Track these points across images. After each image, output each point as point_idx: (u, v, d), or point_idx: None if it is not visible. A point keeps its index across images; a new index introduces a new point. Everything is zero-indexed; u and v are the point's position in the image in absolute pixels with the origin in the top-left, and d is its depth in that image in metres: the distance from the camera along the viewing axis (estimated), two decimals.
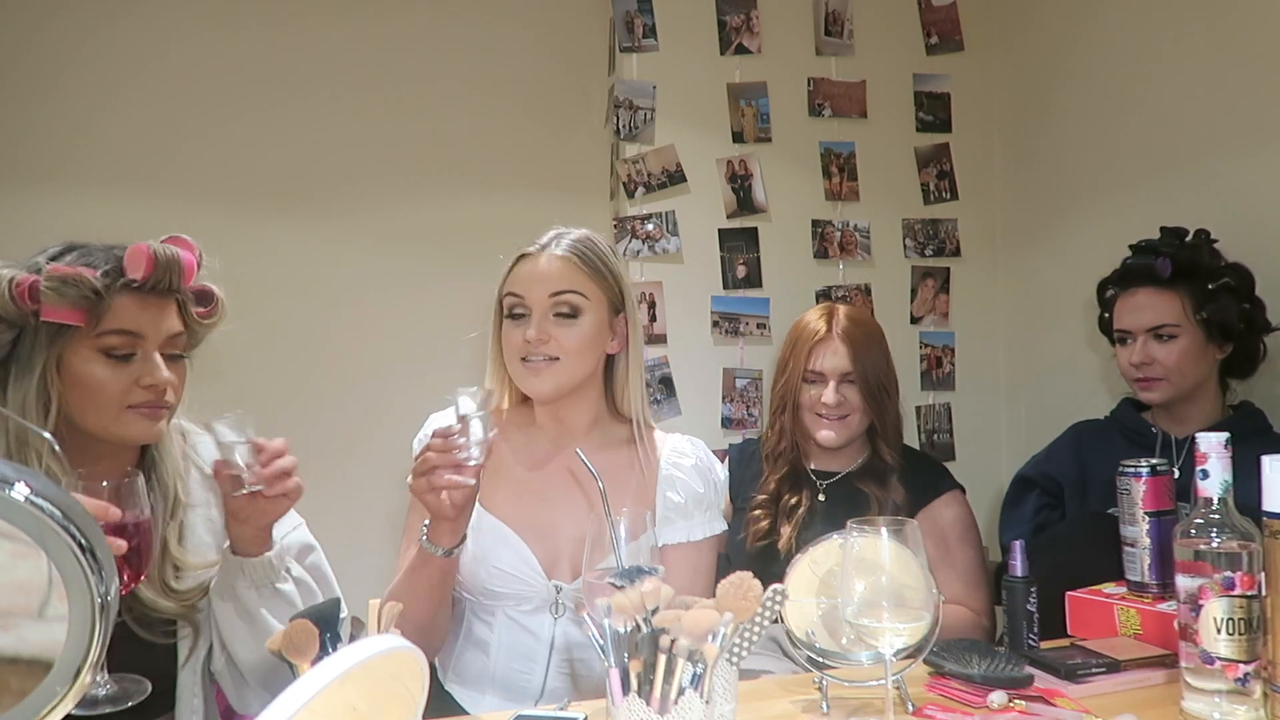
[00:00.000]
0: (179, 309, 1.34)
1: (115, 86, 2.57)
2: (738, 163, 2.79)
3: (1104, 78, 2.59)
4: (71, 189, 2.48)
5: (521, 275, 1.55)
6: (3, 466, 0.78)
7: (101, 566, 0.78)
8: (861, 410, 1.99)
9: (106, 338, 1.27)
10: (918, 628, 1.10)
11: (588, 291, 1.54)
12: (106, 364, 1.27)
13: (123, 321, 1.27)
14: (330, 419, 2.63)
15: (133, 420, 1.29)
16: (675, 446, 1.64)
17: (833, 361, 1.99)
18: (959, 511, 2.00)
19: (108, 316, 1.27)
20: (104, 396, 1.27)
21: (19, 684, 0.75)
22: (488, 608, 1.55)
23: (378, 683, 0.75)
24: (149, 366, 1.29)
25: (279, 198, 2.67)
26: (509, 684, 1.51)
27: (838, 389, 1.97)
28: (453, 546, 1.40)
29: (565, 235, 1.58)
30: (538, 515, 1.56)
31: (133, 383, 1.28)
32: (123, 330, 1.27)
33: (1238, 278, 1.99)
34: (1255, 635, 1.13)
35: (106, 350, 1.27)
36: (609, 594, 1.03)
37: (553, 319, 1.52)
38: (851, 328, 2.01)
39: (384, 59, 2.74)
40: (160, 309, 1.31)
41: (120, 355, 1.28)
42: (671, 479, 1.58)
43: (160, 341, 1.30)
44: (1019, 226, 2.93)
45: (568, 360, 1.53)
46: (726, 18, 2.79)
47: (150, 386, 1.28)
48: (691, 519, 1.57)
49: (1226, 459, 1.18)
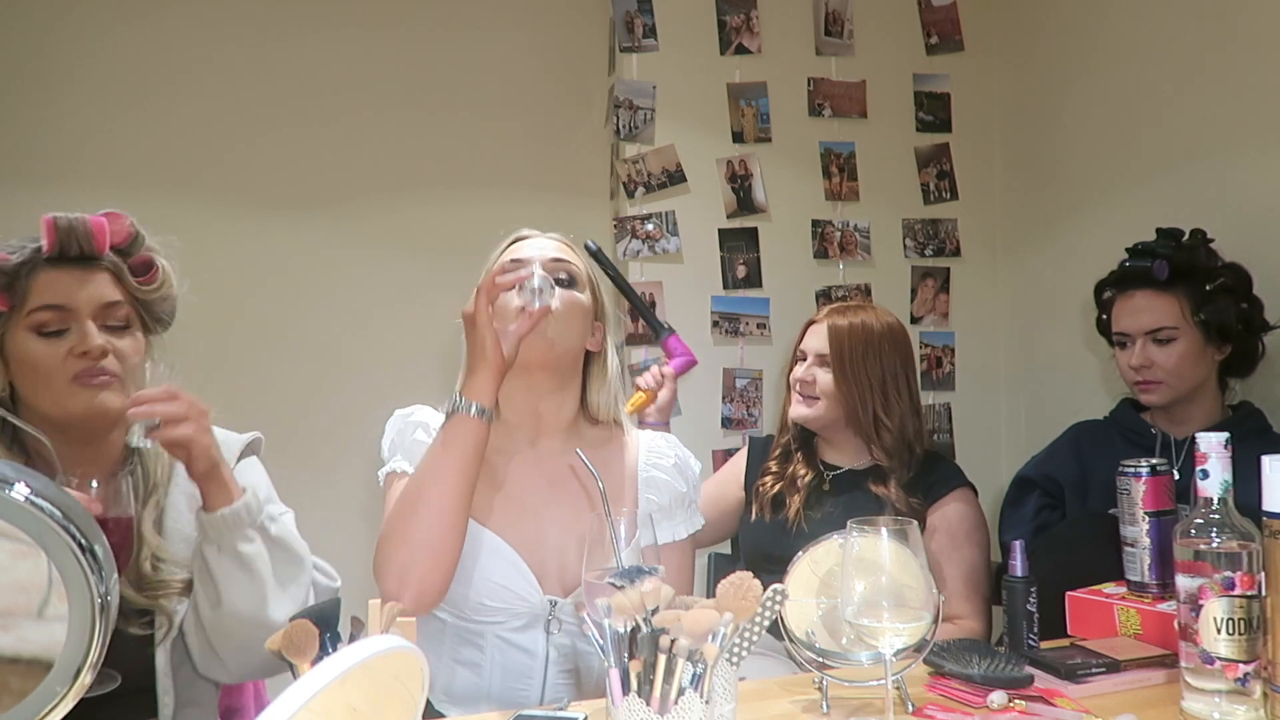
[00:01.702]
0: (116, 279, 1.33)
1: (121, 91, 2.57)
2: (738, 163, 2.79)
3: (1104, 77, 2.59)
4: (78, 190, 2.47)
5: (517, 250, 1.53)
6: (3, 466, 0.78)
7: (101, 566, 0.78)
8: (833, 398, 2.00)
9: (34, 315, 1.28)
10: (918, 628, 1.10)
11: (579, 276, 1.53)
12: (40, 341, 1.28)
13: (46, 296, 1.28)
14: (332, 419, 2.63)
15: (77, 391, 1.28)
16: (651, 446, 1.59)
17: (813, 341, 2.04)
18: (968, 509, 2.00)
19: (32, 294, 1.28)
20: (44, 373, 1.28)
21: (19, 684, 0.76)
22: (476, 629, 1.45)
23: (378, 683, 0.75)
24: (80, 334, 1.28)
25: (280, 199, 2.67)
26: (506, 701, 1.44)
27: (809, 368, 2.03)
28: (492, 406, 1.37)
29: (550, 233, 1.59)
30: (523, 525, 1.48)
31: (68, 354, 1.28)
32: (48, 305, 1.28)
33: (1235, 278, 1.99)
34: (1255, 635, 1.13)
35: (38, 328, 1.28)
36: (609, 594, 1.03)
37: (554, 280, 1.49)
38: (843, 320, 2.03)
39: (384, 60, 2.74)
40: (84, 279, 1.30)
41: (52, 331, 1.28)
42: (652, 480, 1.55)
43: (92, 311, 1.30)
44: (1019, 226, 2.93)
45: (566, 315, 1.46)
46: (726, 18, 2.79)
47: (84, 354, 1.28)
48: (674, 518, 1.55)
49: (1226, 459, 1.18)
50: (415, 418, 1.52)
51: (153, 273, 1.35)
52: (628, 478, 1.55)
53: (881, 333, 2.03)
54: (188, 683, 1.36)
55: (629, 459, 1.57)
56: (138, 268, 1.35)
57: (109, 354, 1.30)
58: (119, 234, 1.33)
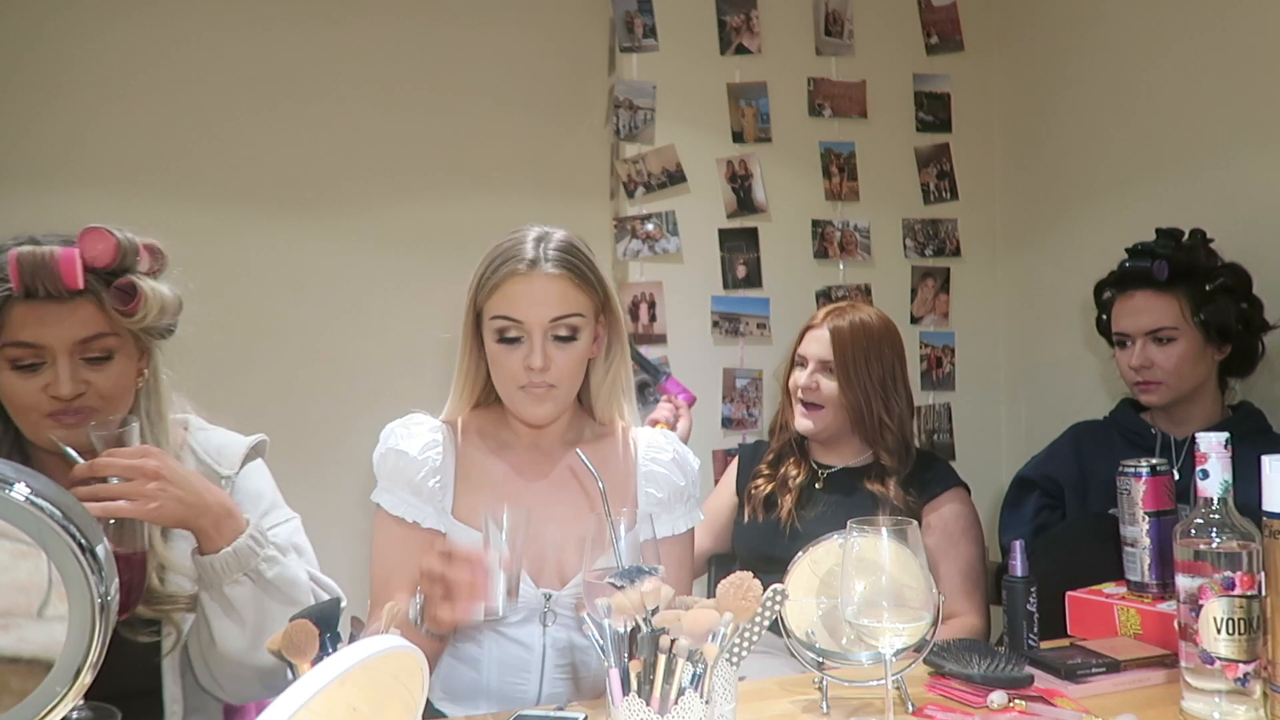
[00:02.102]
0: (99, 307, 1.25)
1: (118, 86, 2.57)
2: (738, 163, 2.79)
3: (1104, 77, 2.59)
4: (72, 188, 2.48)
5: (515, 296, 1.43)
6: (3, 466, 0.78)
7: (101, 566, 0.78)
8: (838, 405, 2.01)
9: (8, 349, 1.22)
10: (918, 628, 1.10)
11: (583, 308, 1.46)
12: (16, 375, 1.23)
13: (17, 333, 1.21)
14: (329, 418, 2.63)
15: (52, 427, 1.24)
16: (650, 441, 1.59)
17: (814, 347, 2.03)
18: (963, 508, 2.02)
19: (6, 327, 1.21)
20: (19, 407, 1.24)
21: (19, 684, 0.75)
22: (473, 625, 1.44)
23: (378, 683, 0.75)
24: (54, 375, 1.22)
25: (278, 197, 2.67)
26: (504, 696, 1.46)
27: (812, 375, 2.01)
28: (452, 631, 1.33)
29: (548, 244, 1.45)
30: None
31: (41, 391, 1.23)
32: (19, 343, 1.21)
33: (1234, 278, 1.99)
34: (1255, 635, 1.13)
35: (13, 361, 1.22)
36: (609, 594, 1.03)
37: (551, 341, 1.44)
38: (842, 322, 2.03)
39: (384, 59, 2.74)
40: (60, 315, 1.22)
41: (26, 365, 1.22)
42: (651, 474, 1.56)
43: (67, 348, 1.23)
44: (1019, 226, 2.93)
45: (564, 386, 1.46)
46: (726, 18, 2.79)
47: (55, 398, 1.22)
48: (674, 512, 1.55)
49: (1226, 459, 1.18)
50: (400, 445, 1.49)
51: (134, 303, 1.25)
52: (627, 473, 1.56)
53: (880, 331, 2.04)
54: (193, 690, 1.35)
55: (628, 455, 1.57)
56: (117, 295, 1.25)
57: (84, 393, 1.24)
58: (100, 257, 1.23)
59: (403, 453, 1.48)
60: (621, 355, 1.55)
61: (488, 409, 1.57)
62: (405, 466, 1.48)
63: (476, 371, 1.52)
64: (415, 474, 1.47)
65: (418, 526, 1.46)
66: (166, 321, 1.33)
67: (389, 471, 1.49)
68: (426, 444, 1.49)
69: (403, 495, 1.47)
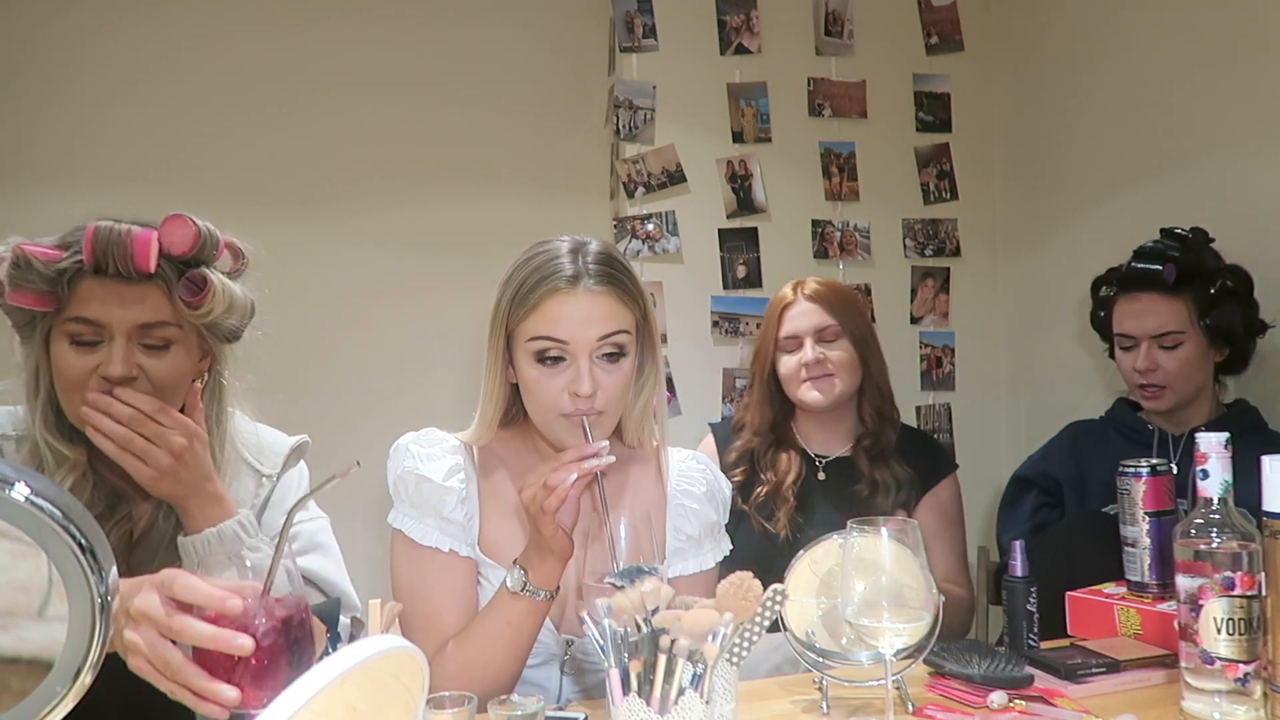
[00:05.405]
0: (167, 295, 1.24)
1: (118, 85, 2.57)
2: (738, 163, 2.79)
3: (1104, 77, 2.59)
4: (73, 187, 2.48)
5: (557, 317, 1.30)
6: (3, 466, 0.78)
7: (101, 566, 0.78)
8: (848, 368, 2.00)
9: (69, 324, 1.21)
10: (918, 628, 1.10)
11: (629, 324, 1.34)
12: (72, 350, 1.21)
13: (82, 308, 1.21)
14: (328, 417, 2.63)
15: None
16: (683, 470, 1.50)
17: (805, 321, 2.01)
18: (958, 490, 2.08)
19: (71, 302, 1.21)
20: (69, 384, 1.22)
21: (19, 684, 0.75)
22: None
23: (378, 683, 0.75)
24: (109, 356, 1.21)
25: (279, 197, 2.67)
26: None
27: (815, 346, 1.99)
28: (557, 586, 1.29)
29: (587, 257, 1.33)
30: None
31: (93, 371, 1.21)
32: (81, 318, 1.21)
33: (1237, 280, 1.99)
34: (1255, 635, 1.13)
35: (72, 336, 1.21)
36: (609, 594, 1.02)
37: (598, 361, 1.32)
38: (820, 289, 2.04)
39: (384, 59, 2.74)
40: (124, 296, 1.22)
41: (85, 341, 1.21)
42: (683, 509, 1.48)
43: (127, 331, 1.22)
44: (1019, 226, 2.93)
45: (611, 411, 1.34)
46: (726, 18, 2.79)
47: (104, 378, 1.21)
48: (703, 547, 1.49)
49: (1226, 459, 1.18)
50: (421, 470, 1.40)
51: (201, 295, 1.24)
52: (658, 501, 1.48)
53: (846, 288, 2.09)
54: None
55: (659, 482, 1.50)
56: (186, 286, 1.24)
57: (135, 378, 1.23)
58: (178, 244, 1.22)
59: (425, 478, 1.39)
60: (655, 374, 1.44)
61: (508, 429, 1.46)
62: (430, 494, 1.39)
63: (503, 395, 1.41)
64: (441, 503, 1.38)
65: (455, 554, 1.38)
66: (233, 322, 1.32)
67: (412, 497, 1.39)
68: (450, 469, 1.40)
69: (432, 524, 1.38)
